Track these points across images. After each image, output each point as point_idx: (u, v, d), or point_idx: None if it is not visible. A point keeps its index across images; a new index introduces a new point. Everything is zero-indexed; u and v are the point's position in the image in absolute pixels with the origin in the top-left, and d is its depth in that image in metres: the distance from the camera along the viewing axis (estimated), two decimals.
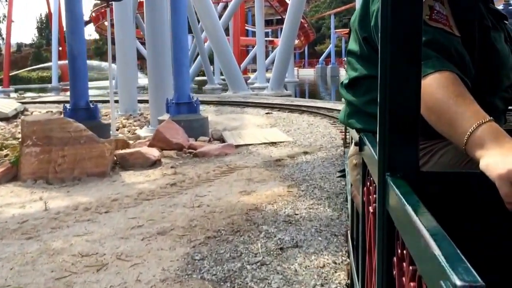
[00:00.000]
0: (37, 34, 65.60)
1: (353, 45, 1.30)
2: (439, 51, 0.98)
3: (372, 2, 1.17)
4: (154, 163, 6.29)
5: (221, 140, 8.47)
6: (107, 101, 14.24)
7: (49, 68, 39.84)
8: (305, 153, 6.72)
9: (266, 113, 11.79)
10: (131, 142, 8.90)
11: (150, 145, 7.29)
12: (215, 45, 21.28)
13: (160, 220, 3.86)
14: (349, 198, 2.42)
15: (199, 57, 30.47)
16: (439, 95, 0.91)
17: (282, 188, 4.80)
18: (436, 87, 0.92)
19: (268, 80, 23.62)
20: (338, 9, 48.65)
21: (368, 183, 1.08)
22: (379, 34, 0.74)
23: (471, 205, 0.83)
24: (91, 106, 8.47)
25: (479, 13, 1.14)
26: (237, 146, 7.46)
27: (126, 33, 13.45)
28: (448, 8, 1.05)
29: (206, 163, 6.39)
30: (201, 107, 15.27)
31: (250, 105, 13.97)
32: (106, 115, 14.48)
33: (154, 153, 6.43)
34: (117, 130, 10.78)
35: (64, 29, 13.94)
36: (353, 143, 1.44)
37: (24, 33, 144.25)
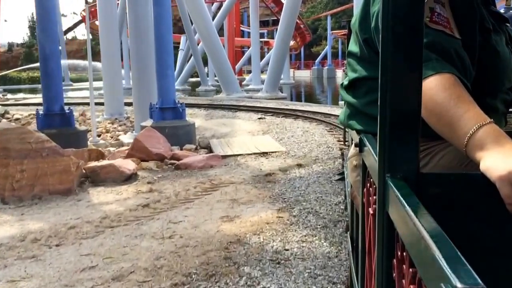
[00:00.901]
0: (29, 34, 64.59)
1: (353, 47, 1.29)
2: (440, 53, 0.98)
3: (372, 3, 1.17)
4: (129, 177, 5.58)
5: (209, 148, 7.78)
6: (100, 104, 13.60)
7: (39, 68, 38.99)
8: (299, 166, 6.03)
9: (259, 118, 11.10)
10: (111, 149, 8.21)
11: (128, 156, 6.58)
12: (208, 46, 20.58)
13: (119, 258, 3.16)
14: (348, 200, 2.48)
15: (192, 57, 29.74)
16: (439, 97, 0.91)
17: (271, 212, 4.11)
18: (436, 89, 0.92)
19: (263, 82, 22.95)
20: (335, 10, 48.02)
21: (368, 185, 1.07)
22: (380, 35, 0.74)
23: (471, 207, 0.81)
24: (66, 111, 7.75)
25: (480, 15, 1.12)
26: (225, 157, 6.77)
27: (110, 30, 12.71)
28: (449, 11, 1.05)
29: (188, 177, 5.69)
30: (191, 110, 14.63)
31: (243, 109, 13.28)
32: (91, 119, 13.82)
33: (129, 166, 5.72)
34: (99, 136, 10.07)
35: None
36: (353, 144, 1.41)
37: (17, 32, 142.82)
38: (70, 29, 58.12)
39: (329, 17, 47.18)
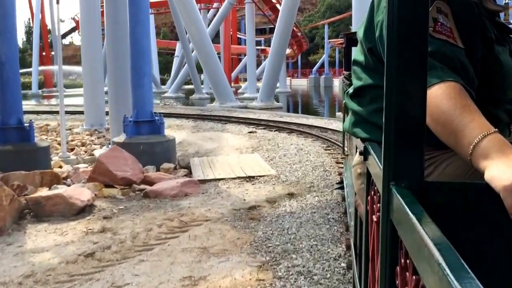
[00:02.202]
0: (25, 39, 63.58)
1: (358, 55, 1.30)
2: (444, 62, 0.98)
3: (376, 13, 1.17)
4: (83, 210, 4.56)
5: (189, 168, 6.78)
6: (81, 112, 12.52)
7: (30, 74, 37.96)
8: (290, 195, 5.03)
9: (250, 132, 10.11)
10: (80, 167, 7.21)
11: (90, 179, 5.57)
12: (201, 53, 19.64)
13: None
14: (348, 210, 2.79)
15: (186, 64, 28.83)
16: (444, 106, 0.91)
17: (249, 271, 3.09)
18: (441, 97, 0.92)
19: (259, 90, 22.00)
20: (332, 19, 47.27)
21: (372, 192, 1.08)
22: (385, 44, 0.75)
23: (476, 216, 0.80)
24: (25, 125, 6.73)
25: (482, 25, 1.12)
26: (204, 181, 5.77)
27: (91, 34, 11.74)
28: (451, 21, 1.05)
29: (156, 209, 4.68)
30: (179, 121, 13.63)
31: (233, 121, 12.29)
32: (70, 129, 12.80)
33: (83, 196, 4.70)
34: (71, 150, 9.06)
35: (49, 32, 12.21)
36: (357, 153, 1.38)
37: None
38: (66, 34, 57.36)
39: (326, 25, 46.49)
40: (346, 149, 3.52)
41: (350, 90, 1.33)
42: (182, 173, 6.74)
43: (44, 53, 41.18)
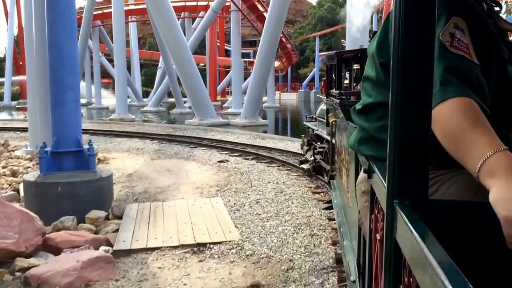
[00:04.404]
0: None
1: (369, 71, 1.30)
2: (460, 78, 0.97)
3: (391, 28, 1.12)
4: None
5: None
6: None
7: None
8: None
9: (220, 162, 8.12)
10: None
11: None
12: (179, 64, 17.72)
13: None
14: (340, 230, 2.84)
15: (167, 77, 26.93)
16: (456, 120, 0.90)
17: None
18: (455, 112, 0.91)
19: None
20: (323, 32, 45.77)
21: (376, 211, 1.06)
22: (391, 63, 0.75)
23: (480, 235, 0.80)
24: None
25: (497, 45, 1.12)
26: (128, 253, 3.79)
27: (28, 39, 9.70)
28: (468, 37, 1.04)
29: None
30: (141, 143, 11.50)
31: (205, 144, 10.32)
32: (12, 151, 10.74)
33: None
34: None
35: (24, 35, 10.32)
36: (361, 170, 1.38)
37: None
38: None
39: (317, 38, 44.92)
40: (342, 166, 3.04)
41: (358, 106, 1.34)
42: (113, 226, 4.78)
43: (21, 62, 38.99)
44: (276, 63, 33.12)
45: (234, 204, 5.25)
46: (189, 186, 6.30)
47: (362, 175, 1.36)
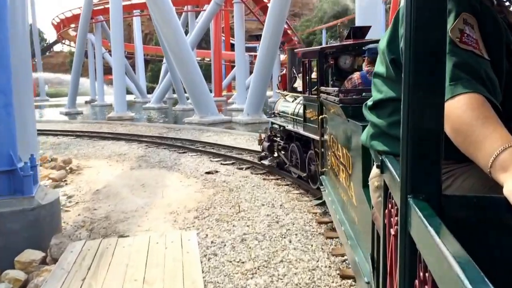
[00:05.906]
0: None
1: (379, 67, 1.30)
2: (470, 73, 0.97)
3: (401, 24, 1.17)
4: None
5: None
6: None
7: None
8: None
9: (208, 173, 6.86)
10: None
11: None
12: (177, 59, 16.53)
13: None
14: (340, 229, 2.86)
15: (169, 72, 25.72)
16: (466, 116, 0.90)
17: None
18: (465, 108, 0.91)
19: None
20: (330, 24, 44.11)
21: (390, 206, 1.06)
22: (403, 59, 0.76)
23: (494, 229, 0.79)
24: None
25: (507, 39, 1.11)
26: None
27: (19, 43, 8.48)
28: (477, 33, 1.04)
29: None
30: (127, 146, 10.28)
31: (195, 149, 9.11)
32: None
33: None
34: None
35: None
36: (374, 166, 1.37)
37: None
38: (56, 42, 54.85)
39: (324, 30, 43.43)
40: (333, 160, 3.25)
41: (369, 102, 1.33)
42: (46, 276, 3.58)
43: None
44: (282, 57, 31.65)
45: (211, 243, 4.01)
46: (162, 209, 5.07)
47: (375, 170, 1.36)
